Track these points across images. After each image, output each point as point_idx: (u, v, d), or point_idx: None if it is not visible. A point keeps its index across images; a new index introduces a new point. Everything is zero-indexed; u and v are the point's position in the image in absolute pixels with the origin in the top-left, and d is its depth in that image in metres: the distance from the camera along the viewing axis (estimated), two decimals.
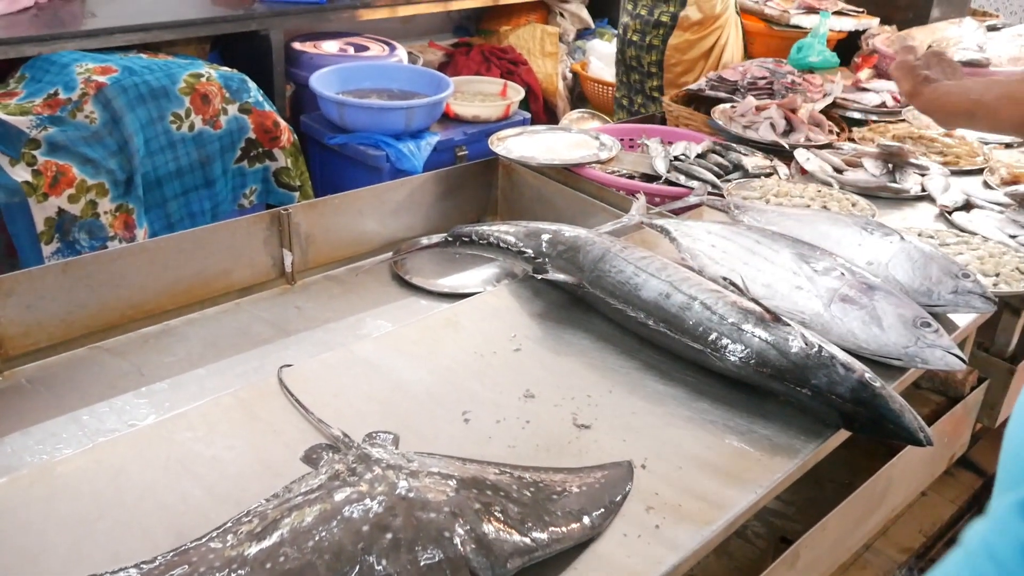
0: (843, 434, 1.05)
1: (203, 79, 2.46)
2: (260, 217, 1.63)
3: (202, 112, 2.43)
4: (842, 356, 1.02)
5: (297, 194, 2.63)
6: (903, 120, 2.17)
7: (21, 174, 2.15)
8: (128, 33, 2.69)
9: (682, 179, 1.82)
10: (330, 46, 3.25)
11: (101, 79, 2.32)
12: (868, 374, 1.01)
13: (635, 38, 2.92)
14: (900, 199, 1.72)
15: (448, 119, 3.02)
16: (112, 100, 2.29)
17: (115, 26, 2.68)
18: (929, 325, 1.11)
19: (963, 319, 1.27)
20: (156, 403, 1.30)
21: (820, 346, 1.03)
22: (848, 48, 2.77)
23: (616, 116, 3.12)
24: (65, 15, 2.78)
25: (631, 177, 1.86)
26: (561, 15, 4.17)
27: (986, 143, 2.01)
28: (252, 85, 2.57)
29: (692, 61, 2.89)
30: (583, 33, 4.21)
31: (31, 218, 2.16)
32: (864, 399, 0.99)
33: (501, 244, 1.34)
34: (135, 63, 2.44)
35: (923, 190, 1.74)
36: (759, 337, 1.05)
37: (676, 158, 1.90)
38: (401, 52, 3.33)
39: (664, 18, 2.87)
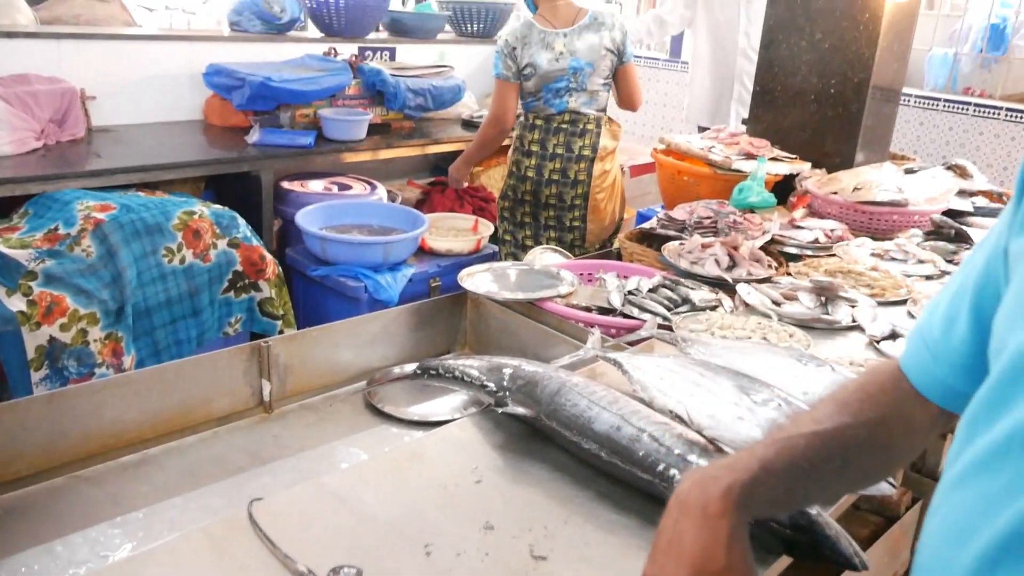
0: (786, 560, 1.04)
1: (196, 216, 2.49)
2: (241, 349, 1.62)
3: (193, 246, 2.45)
4: None
5: (280, 322, 2.63)
6: (834, 255, 2.23)
7: (16, 304, 2.13)
8: (129, 173, 2.74)
9: (636, 312, 1.84)
10: (316, 185, 3.32)
11: (100, 215, 2.34)
12: None
13: (556, 177, 2.98)
14: (833, 329, 1.75)
15: (424, 252, 3.06)
16: (109, 235, 2.31)
17: (117, 167, 2.73)
18: None
19: None
20: (130, 532, 1.26)
21: None
22: (784, 189, 2.86)
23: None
24: (71, 155, 2.84)
25: (589, 310, 1.88)
26: None
27: (908, 276, 2.07)
28: (241, 222, 2.60)
29: (610, 187, 3.04)
30: None
31: (23, 346, 2.14)
32: (802, 525, 0.98)
33: (465, 378, 1.34)
34: (133, 201, 2.47)
35: (854, 320, 1.77)
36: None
37: (630, 292, 1.93)
38: (381, 190, 3.40)
39: (585, 151, 2.97)
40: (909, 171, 2.88)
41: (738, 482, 0.75)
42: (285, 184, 3.26)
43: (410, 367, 1.69)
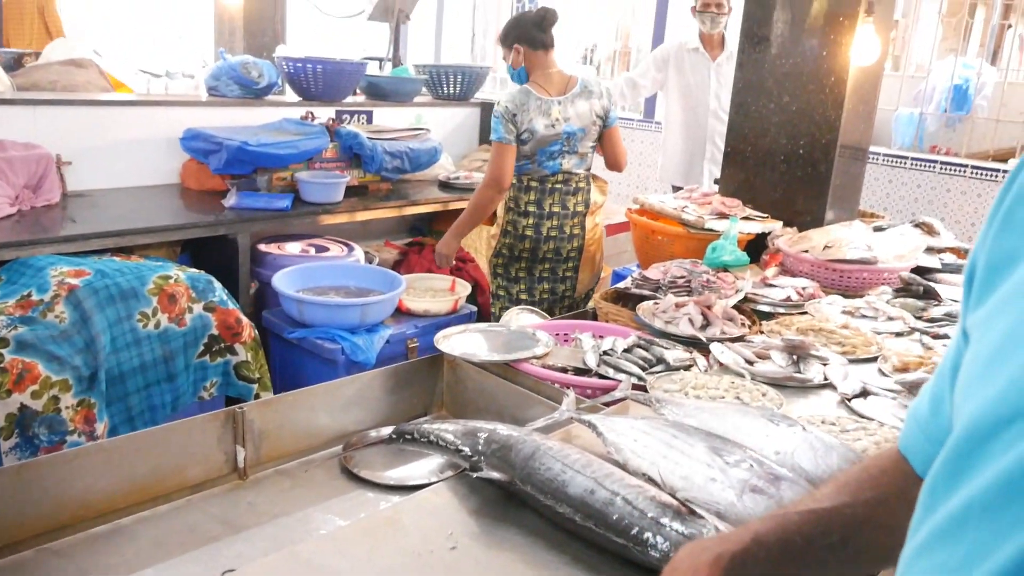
0: None
1: (171, 280, 2.50)
2: (215, 416, 1.62)
3: (168, 311, 2.45)
4: None
5: (256, 386, 2.63)
6: (806, 313, 2.28)
7: None
8: (104, 238, 2.75)
9: (611, 372, 1.87)
10: (293, 247, 3.35)
11: (74, 281, 2.35)
12: None
13: (554, 233, 3.13)
14: (805, 388, 1.79)
15: (401, 313, 3.08)
16: (83, 301, 2.31)
17: (92, 232, 2.74)
18: None
19: None
20: None
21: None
22: (757, 247, 2.92)
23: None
24: (46, 221, 2.85)
25: (565, 370, 1.90)
26: None
27: (878, 333, 2.12)
28: (218, 285, 2.62)
29: (599, 240, 3.25)
30: None
31: None
32: None
33: (440, 443, 1.35)
34: (108, 266, 2.48)
35: (825, 378, 1.81)
36: (676, 531, 1.06)
37: (605, 352, 1.96)
38: (359, 252, 3.43)
39: (579, 208, 3.15)
40: (878, 228, 2.96)
41: (728, 552, 0.77)
42: (262, 247, 3.28)
43: (386, 431, 1.70)
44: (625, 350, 1.97)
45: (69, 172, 3.15)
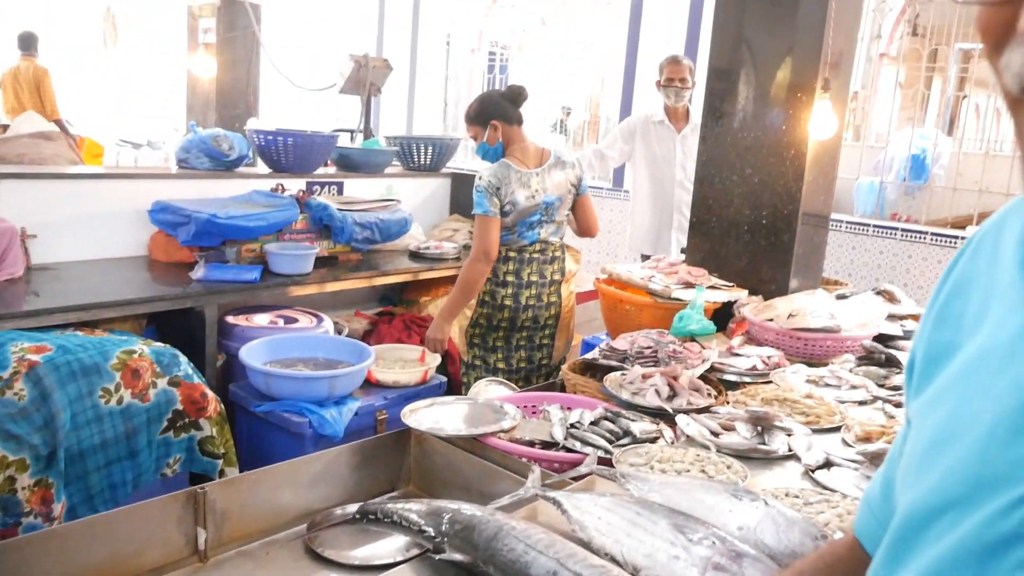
0: None
1: (135, 355, 2.48)
2: (175, 497, 1.59)
3: (132, 386, 2.43)
4: None
5: (221, 461, 2.59)
6: (771, 382, 2.31)
7: None
8: (67, 312, 2.73)
9: (578, 445, 1.87)
10: (261, 319, 3.34)
11: (34, 357, 2.32)
12: None
13: (532, 302, 3.18)
14: (770, 459, 1.80)
15: (370, 384, 3.07)
16: (43, 378, 2.28)
17: (55, 306, 2.72)
18: None
19: None
20: None
21: None
22: (723, 316, 2.97)
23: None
24: (8, 295, 2.82)
25: (532, 444, 1.91)
26: None
27: (842, 402, 2.15)
28: (183, 359, 2.60)
29: (572, 307, 3.33)
30: None
31: None
32: None
33: (404, 523, 1.34)
34: (70, 341, 2.46)
35: (790, 449, 1.82)
36: None
37: (573, 425, 1.96)
38: (328, 323, 3.43)
39: (556, 276, 3.22)
40: (841, 296, 3.02)
41: None
42: (230, 319, 3.27)
43: (352, 508, 1.68)
44: (592, 422, 1.98)
45: (34, 245, 3.14)
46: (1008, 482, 0.54)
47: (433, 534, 1.29)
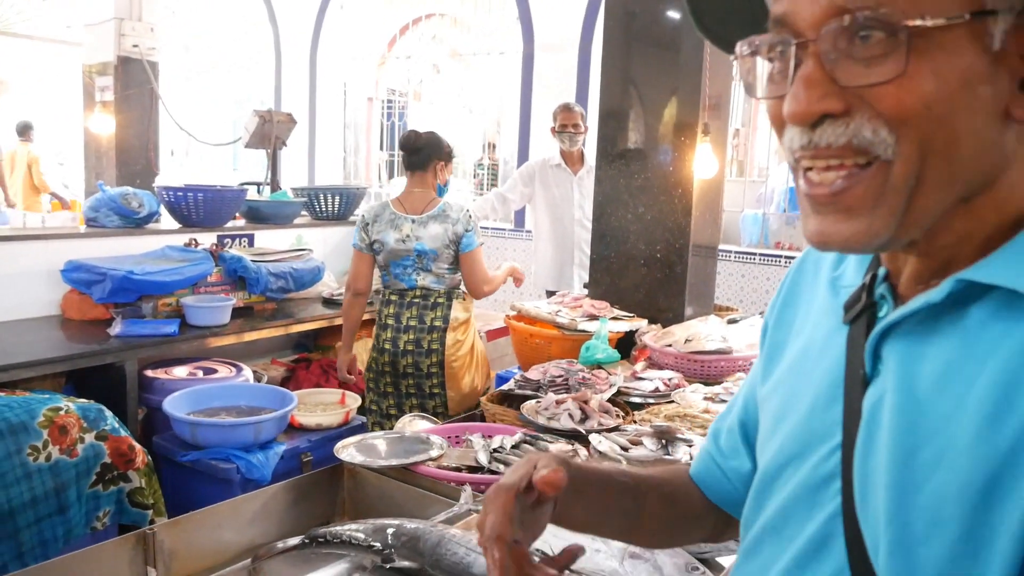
0: None
1: (62, 412, 2.52)
2: (126, 539, 1.68)
3: (59, 442, 2.47)
4: None
5: (150, 512, 2.63)
6: (672, 401, 2.53)
7: None
8: None
9: (502, 468, 2.04)
10: (181, 371, 3.39)
11: None
12: None
13: (411, 347, 3.25)
14: None
15: (293, 428, 3.16)
16: None
17: None
18: (697, 569, 1.34)
19: (726, 560, 1.51)
20: None
21: None
22: (626, 344, 3.20)
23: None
24: None
25: (459, 470, 2.06)
26: None
27: None
28: (108, 414, 2.64)
29: (466, 356, 3.32)
30: None
31: None
32: None
33: (352, 541, 1.48)
34: None
35: (691, 457, 2.04)
36: None
37: (495, 450, 2.13)
38: (247, 372, 3.50)
39: (437, 322, 3.27)
40: (732, 321, 3.30)
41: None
42: (149, 372, 3.31)
43: (293, 541, 1.79)
44: (513, 446, 2.15)
45: None
46: (825, 438, 0.75)
47: (381, 547, 1.43)
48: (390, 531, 1.46)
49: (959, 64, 0.61)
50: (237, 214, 4.48)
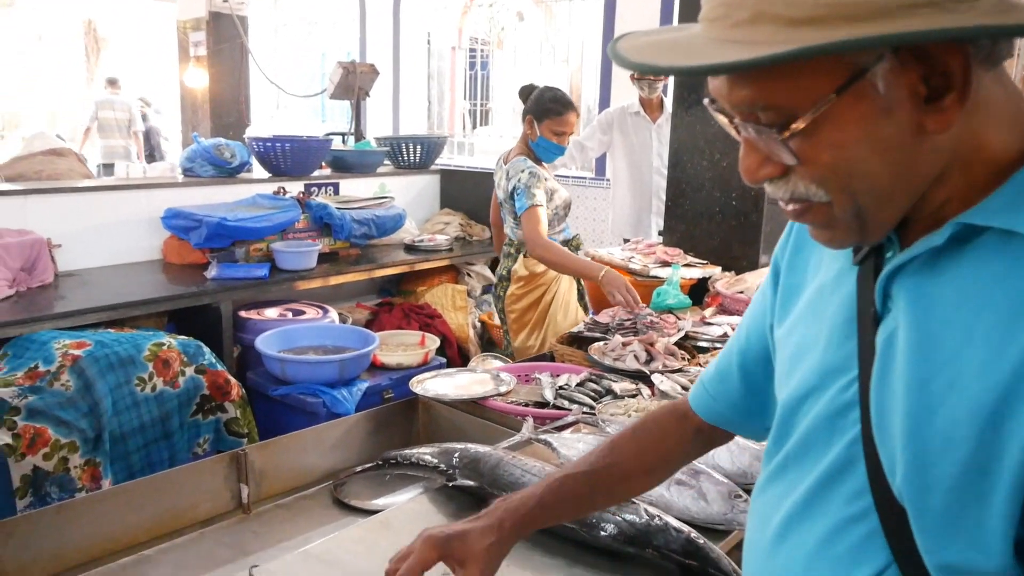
0: None
1: (164, 347, 2.74)
2: (221, 458, 1.86)
3: (163, 375, 2.69)
4: (675, 523, 1.31)
5: (245, 440, 2.86)
6: None
7: (2, 438, 2.34)
8: (97, 312, 2.99)
9: (566, 403, 2.14)
10: (272, 312, 3.60)
11: (76, 352, 2.58)
12: (693, 534, 1.29)
13: (498, 291, 3.38)
14: None
15: (375, 367, 3.34)
16: (86, 370, 2.55)
17: (86, 307, 2.99)
18: (740, 496, 1.42)
19: None
20: None
21: (658, 516, 1.32)
22: (699, 291, 3.24)
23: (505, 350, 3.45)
24: (41, 300, 3.09)
25: (525, 405, 2.18)
26: (468, 275, 4.67)
27: None
28: (206, 350, 2.86)
29: (522, 310, 3.29)
30: (488, 289, 4.70)
31: (8, 476, 2.33)
32: (691, 551, 1.27)
33: (421, 462, 1.62)
34: (106, 337, 2.72)
35: None
36: (615, 515, 1.33)
37: (561, 387, 2.24)
38: (333, 314, 3.70)
39: (503, 271, 3.35)
40: None
41: (507, 527, 1.08)
42: (243, 313, 3.54)
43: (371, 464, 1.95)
44: (578, 384, 2.25)
45: (60, 254, 3.40)
46: (842, 370, 0.82)
47: (445, 468, 1.56)
48: (455, 454, 1.59)
49: (851, 126, 0.69)
50: (323, 163, 4.66)
